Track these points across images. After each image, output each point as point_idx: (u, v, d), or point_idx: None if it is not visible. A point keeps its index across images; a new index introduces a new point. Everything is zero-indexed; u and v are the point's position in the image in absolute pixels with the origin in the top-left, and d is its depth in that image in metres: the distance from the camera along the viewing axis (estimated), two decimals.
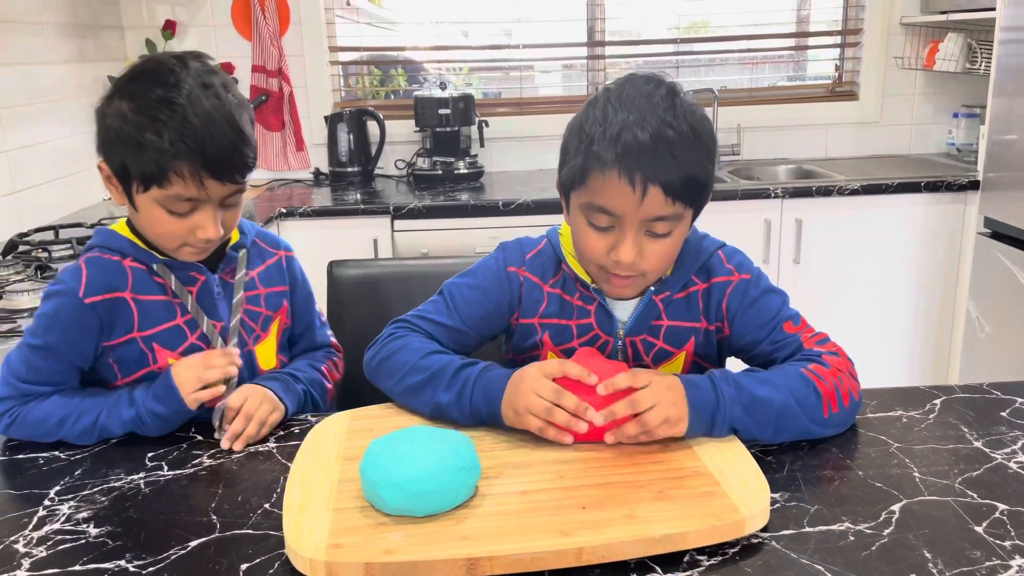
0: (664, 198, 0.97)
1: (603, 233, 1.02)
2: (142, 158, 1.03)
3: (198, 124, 1.03)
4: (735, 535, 0.81)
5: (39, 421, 1.07)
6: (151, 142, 1.02)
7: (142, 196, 1.06)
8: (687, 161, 0.97)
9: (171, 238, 1.09)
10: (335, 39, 3.15)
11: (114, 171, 1.08)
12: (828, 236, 2.74)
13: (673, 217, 1.00)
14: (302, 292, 1.31)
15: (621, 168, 0.96)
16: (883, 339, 2.84)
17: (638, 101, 0.98)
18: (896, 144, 3.28)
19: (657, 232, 1.01)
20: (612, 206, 0.99)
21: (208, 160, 1.04)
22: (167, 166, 1.03)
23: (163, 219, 1.07)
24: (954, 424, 1.05)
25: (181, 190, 1.05)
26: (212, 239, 1.09)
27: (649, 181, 0.96)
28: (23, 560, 0.81)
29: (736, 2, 3.26)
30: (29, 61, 2.41)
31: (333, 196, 2.83)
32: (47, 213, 2.44)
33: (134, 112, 1.04)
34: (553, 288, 1.14)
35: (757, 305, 1.11)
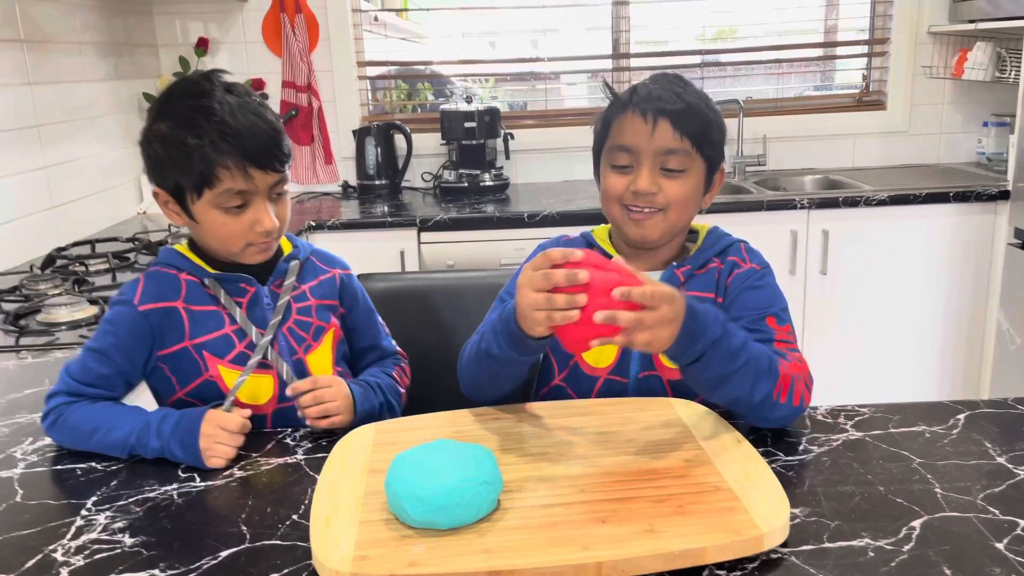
0: (672, 131, 1.14)
1: (623, 173, 1.18)
2: (189, 164, 1.11)
3: (233, 122, 1.12)
4: (754, 551, 0.81)
5: (75, 426, 1.11)
6: (195, 147, 1.11)
7: (198, 205, 1.14)
8: (692, 103, 1.16)
9: (234, 239, 1.16)
10: (363, 54, 3.20)
11: (168, 190, 1.16)
12: (855, 247, 2.73)
13: (682, 152, 1.16)
14: (363, 307, 1.37)
15: (635, 108, 1.16)
16: (912, 352, 2.82)
17: (655, 76, 1.21)
18: (925, 154, 3.26)
19: (670, 167, 1.16)
20: (629, 141, 1.16)
21: (248, 151, 1.12)
22: (213, 164, 1.11)
23: (222, 221, 1.15)
24: (977, 439, 1.05)
25: (230, 183, 1.12)
26: (270, 230, 1.17)
27: (659, 115, 1.14)
28: (61, 569, 0.84)
29: (763, 12, 3.27)
30: (67, 79, 2.48)
31: (361, 209, 2.87)
32: (84, 227, 2.50)
33: (173, 127, 1.12)
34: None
35: (755, 292, 1.20)
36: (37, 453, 1.11)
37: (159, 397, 1.23)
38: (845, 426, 1.10)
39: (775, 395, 1.04)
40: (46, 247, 2.22)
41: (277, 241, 1.23)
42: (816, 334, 2.78)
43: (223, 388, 1.18)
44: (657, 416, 1.09)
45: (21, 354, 1.51)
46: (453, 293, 1.71)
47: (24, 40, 2.26)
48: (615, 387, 1.21)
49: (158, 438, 1.08)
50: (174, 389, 1.20)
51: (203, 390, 1.19)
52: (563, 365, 1.24)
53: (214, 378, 1.19)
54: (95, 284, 1.93)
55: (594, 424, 1.08)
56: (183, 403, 1.18)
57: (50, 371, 1.40)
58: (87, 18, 2.61)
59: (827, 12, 3.36)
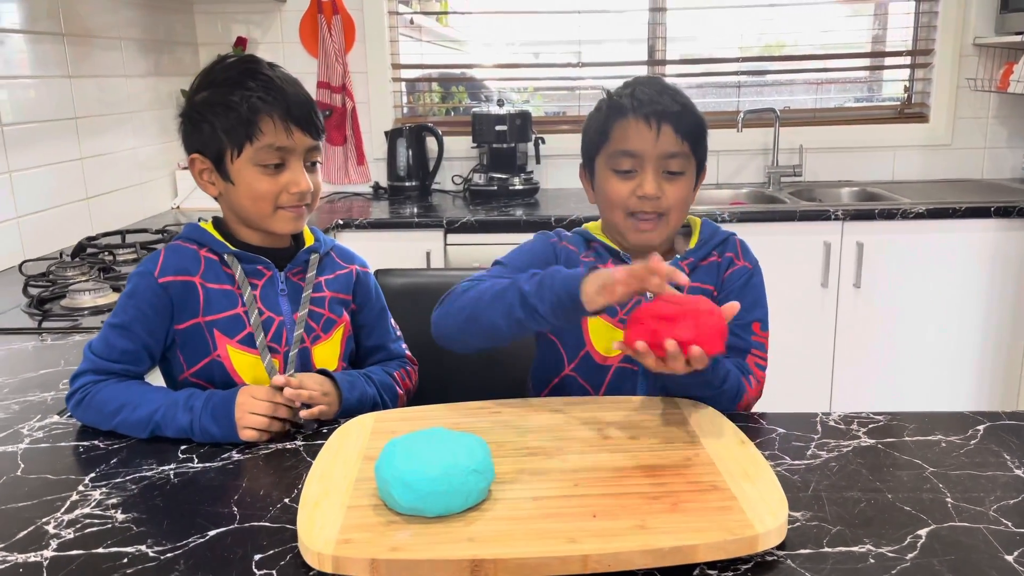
0: (675, 136, 1.18)
1: (627, 178, 1.20)
2: (232, 116, 1.15)
3: (278, 82, 1.17)
4: (748, 551, 0.79)
5: (102, 404, 1.11)
6: (240, 99, 1.14)
7: (237, 163, 1.16)
8: (689, 108, 1.20)
9: (268, 199, 1.18)
10: (398, 56, 3.22)
11: (205, 151, 1.18)
12: (891, 260, 2.66)
13: (683, 155, 1.19)
14: (376, 306, 1.36)
15: (639, 113, 1.18)
16: (947, 368, 2.74)
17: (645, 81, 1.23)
18: (967, 168, 3.17)
19: (672, 170, 1.19)
20: (633, 147, 1.18)
21: (291, 108, 1.16)
22: (256, 116, 1.14)
23: (259, 178, 1.17)
24: (996, 451, 1.01)
25: (272, 138, 1.15)
26: (305, 191, 1.19)
27: (663, 120, 1.17)
28: (51, 541, 0.85)
29: (806, 22, 3.22)
30: (107, 74, 2.53)
31: (390, 209, 2.87)
32: (117, 219, 2.55)
33: (217, 90, 1.16)
34: (587, 257, 1.26)
35: (752, 293, 1.24)
36: (43, 430, 1.12)
37: (166, 376, 1.23)
38: (858, 433, 1.07)
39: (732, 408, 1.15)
40: (79, 236, 2.26)
41: (309, 212, 1.23)
42: (848, 348, 2.72)
43: (229, 369, 1.18)
44: (663, 415, 1.07)
45: (42, 336, 1.53)
46: None
47: (65, 34, 2.31)
48: (626, 374, 1.20)
49: (188, 413, 1.08)
50: (181, 368, 1.20)
51: (210, 370, 1.18)
52: (573, 356, 1.24)
53: (221, 358, 1.18)
54: (121, 272, 1.96)
55: (597, 420, 1.06)
56: (189, 383, 1.18)
57: (67, 353, 1.42)
58: (129, 14, 2.66)
59: (871, 23, 3.30)
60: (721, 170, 3.21)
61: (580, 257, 1.26)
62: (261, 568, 0.79)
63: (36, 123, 2.18)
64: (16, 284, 1.83)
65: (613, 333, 1.20)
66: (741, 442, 0.98)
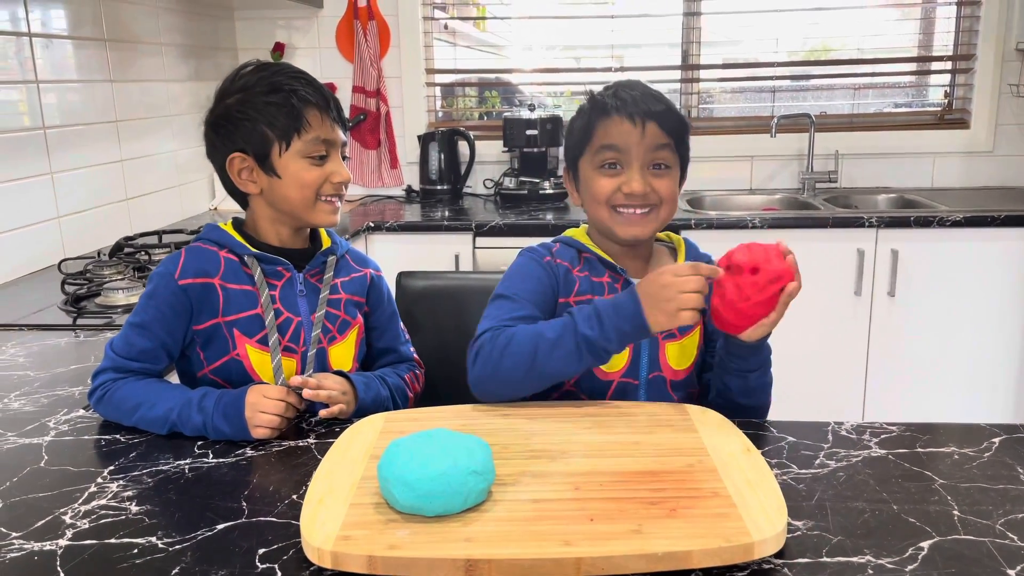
0: (659, 130, 1.18)
1: (612, 174, 1.19)
2: (280, 112, 1.20)
3: (315, 83, 1.24)
4: (743, 558, 0.79)
5: (121, 400, 1.14)
6: (287, 96, 1.19)
7: (286, 156, 1.21)
8: (672, 109, 1.20)
9: (312, 187, 1.22)
10: (432, 61, 3.25)
11: (251, 149, 1.22)
12: (927, 269, 2.61)
13: (669, 148, 1.20)
14: (387, 310, 1.39)
15: (622, 112, 1.18)
16: (983, 379, 2.68)
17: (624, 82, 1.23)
18: (1009, 176, 3.10)
19: (659, 162, 1.19)
20: (619, 142, 1.18)
21: (329, 103, 1.23)
22: (304, 108, 1.20)
23: (306, 168, 1.22)
24: (1009, 464, 0.99)
25: (319, 131, 1.21)
26: (346, 181, 1.25)
27: (647, 117, 1.17)
28: (67, 530, 0.88)
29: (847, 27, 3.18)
30: (148, 78, 2.60)
31: (422, 213, 2.90)
32: (155, 220, 2.61)
33: (251, 92, 1.20)
34: (580, 273, 1.24)
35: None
36: (69, 423, 1.16)
37: (183, 373, 1.27)
38: (869, 443, 1.06)
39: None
40: (117, 236, 2.32)
41: (342, 204, 1.28)
42: (882, 357, 2.67)
43: (248, 368, 1.21)
44: (669, 421, 1.07)
45: (76, 333, 1.58)
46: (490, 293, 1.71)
47: (107, 39, 2.38)
48: (628, 388, 1.20)
49: (200, 413, 1.10)
50: (201, 365, 1.23)
51: (228, 368, 1.22)
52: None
53: (240, 357, 1.21)
54: None
55: (603, 425, 1.06)
56: (207, 381, 1.21)
57: (97, 349, 1.47)
58: (170, 20, 2.73)
59: (915, 27, 3.24)
60: (755, 175, 3.18)
61: (575, 272, 1.23)
62: (264, 562, 0.81)
63: (79, 126, 2.25)
64: (55, 281, 1.89)
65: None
66: (747, 449, 0.98)
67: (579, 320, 1.09)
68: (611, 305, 1.08)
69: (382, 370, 1.33)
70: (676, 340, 1.23)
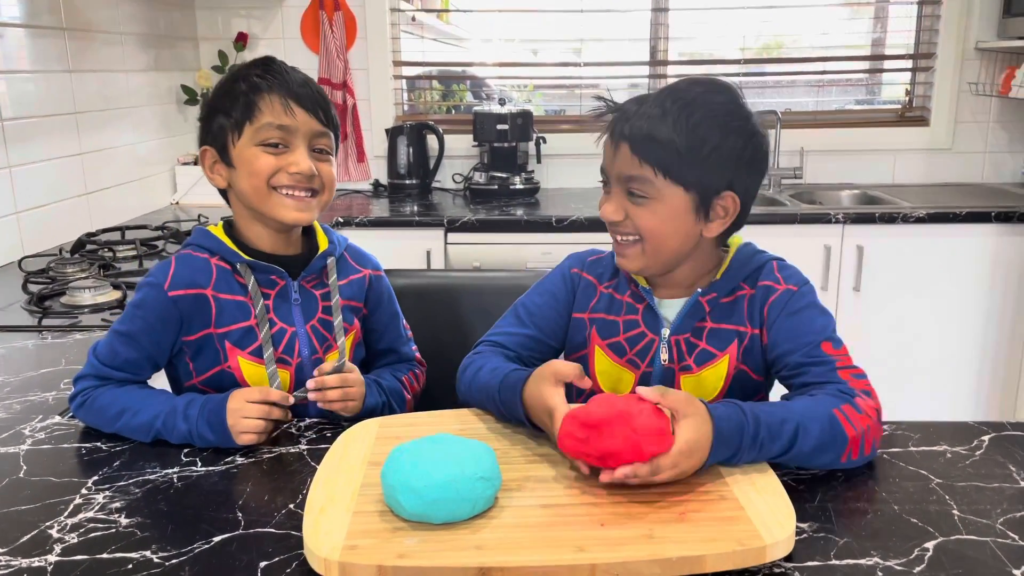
0: (631, 156, 1.05)
1: (606, 196, 1.12)
2: (234, 102, 1.15)
3: (280, 69, 1.18)
4: (756, 562, 0.79)
5: (104, 407, 1.10)
6: (243, 86, 1.15)
7: (239, 144, 1.16)
8: (658, 130, 1.03)
9: (262, 175, 1.15)
10: (399, 54, 3.21)
11: (213, 141, 1.18)
12: (891, 264, 2.66)
13: (642, 180, 1.05)
14: (387, 310, 1.36)
15: (611, 128, 1.09)
16: (946, 373, 2.74)
17: (668, 88, 1.09)
18: (968, 172, 3.17)
19: (634, 192, 1.07)
20: (604, 163, 1.11)
21: (293, 88, 1.16)
22: (255, 95, 1.15)
23: (258, 156, 1.15)
24: (1001, 462, 1.00)
25: (270, 117, 1.15)
26: (304, 172, 1.16)
27: (620, 138, 1.06)
28: (55, 545, 0.84)
29: (808, 24, 3.21)
30: (107, 69, 2.52)
31: (390, 207, 2.87)
32: (116, 215, 2.54)
33: (225, 83, 1.19)
34: (607, 288, 1.19)
35: (799, 316, 1.09)
36: (45, 431, 1.12)
37: (173, 381, 1.23)
38: None
39: (844, 459, 0.96)
40: (78, 232, 2.25)
41: (319, 206, 1.20)
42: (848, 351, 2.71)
43: (240, 379, 1.17)
44: None
45: (42, 334, 1.52)
46: (476, 293, 1.70)
47: (66, 28, 2.30)
48: None
49: (185, 421, 1.07)
50: (190, 375, 1.19)
51: (219, 379, 1.18)
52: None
53: (231, 369, 1.17)
54: (121, 269, 1.95)
55: None
56: (196, 390, 1.17)
57: (68, 352, 1.42)
58: (129, 9, 2.65)
59: (873, 26, 3.30)
60: None
61: (599, 288, 1.19)
62: (268, 575, 0.79)
63: (36, 118, 2.17)
64: (16, 280, 1.82)
65: (621, 372, 1.16)
66: None
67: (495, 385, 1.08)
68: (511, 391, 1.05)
69: (378, 372, 1.30)
70: (692, 373, 1.12)
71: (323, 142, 1.19)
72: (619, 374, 1.16)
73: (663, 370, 1.13)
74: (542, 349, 1.21)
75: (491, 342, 1.21)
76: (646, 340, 1.14)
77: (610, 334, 1.16)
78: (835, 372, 1.04)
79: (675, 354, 1.13)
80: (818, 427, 0.95)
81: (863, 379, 1.04)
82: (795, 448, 0.94)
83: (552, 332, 1.21)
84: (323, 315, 1.23)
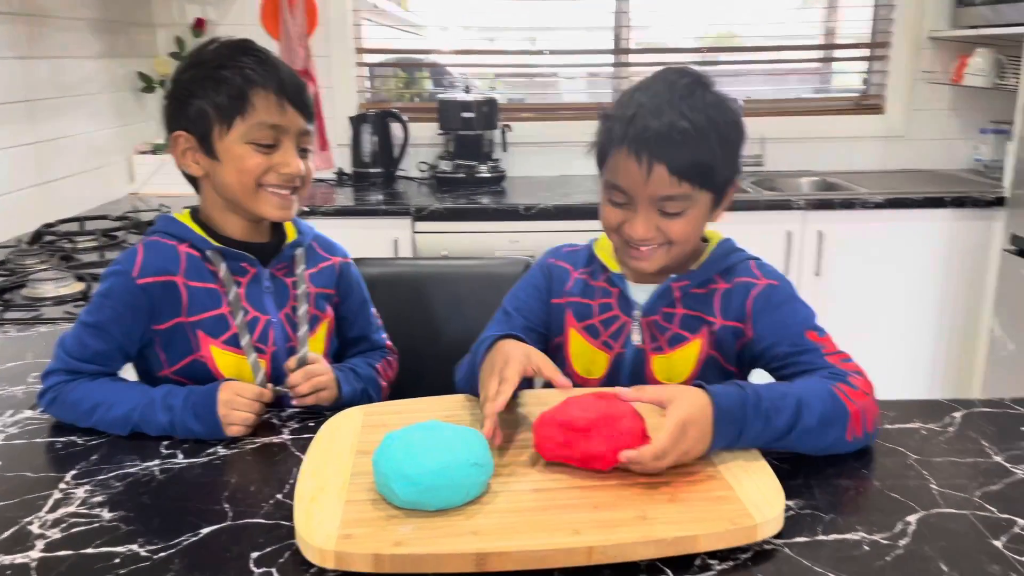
0: (670, 177, 1.02)
1: (619, 208, 1.08)
2: (222, 91, 1.10)
3: (273, 60, 1.14)
4: (747, 540, 0.80)
5: (76, 402, 1.08)
6: (231, 74, 1.10)
7: (227, 139, 1.12)
8: (694, 144, 1.01)
9: (252, 173, 1.13)
10: (361, 41, 3.17)
11: (192, 127, 1.13)
12: (850, 249, 2.72)
13: (682, 197, 1.04)
14: (358, 298, 1.35)
15: (630, 147, 1.02)
16: (904, 354, 2.81)
17: (659, 88, 1.05)
18: (922, 159, 3.25)
19: (668, 211, 1.05)
20: (624, 184, 1.05)
21: (284, 84, 1.12)
22: (248, 90, 1.10)
23: (249, 154, 1.12)
24: (974, 438, 1.03)
25: (265, 115, 1.11)
26: (295, 174, 1.14)
27: (654, 159, 1.01)
28: (37, 541, 0.82)
29: (763, 14, 3.25)
30: (61, 55, 2.44)
31: (355, 196, 2.84)
32: (73, 205, 2.47)
33: (206, 66, 1.12)
34: (581, 274, 1.21)
35: (782, 309, 1.11)
36: (17, 426, 1.09)
37: (144, 374, 1.20)
38: None
39: (848, 436, 0.96)
40: (34, 223, 2.19)
41: (298, 201, 1.19)
42: None
43: (213, 369, 1.15)
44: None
45: (4, 327, 1.48)
46: (447, 280, 1.69)
47: (18, 13, 2.22)
48: None
49: (167, 412, 1.05)
50: (162, 365, 1.17)
51: (192, 369, 1.16)
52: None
53: (204, 358, 1.15)
54: (82, 261, 1.90)
55: None
56: (168, 381, 1.15)
57: (32, 345, 1.38)
58: None
59: (828, 15, 3.35)
60: None
61: (574, 273, 1.20)
62: (260, 566, 0.78)
63: None
64: None
65: (595, 353, 1.17)
66: None
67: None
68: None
69: (352, 361, 1.29)
70: (663, 354, 1.14)
71: (308, 140, 1.18)
72: (593, 355, 1.17)
73: (636, 351, 1.15)
74: (532, 338, 1.19)
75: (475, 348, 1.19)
76: (619, 323, 1.16)
77: (584, 316, 1.18)
78: (823, 358, 1.05)
79: (647, 336, 1.14)
80: (819, 402, 0.95)
81: (851, 362, 1.06)
82: (800, 423, 0.93)
83: (539, 320, 1.22)
84: (296, 303, 1.22)
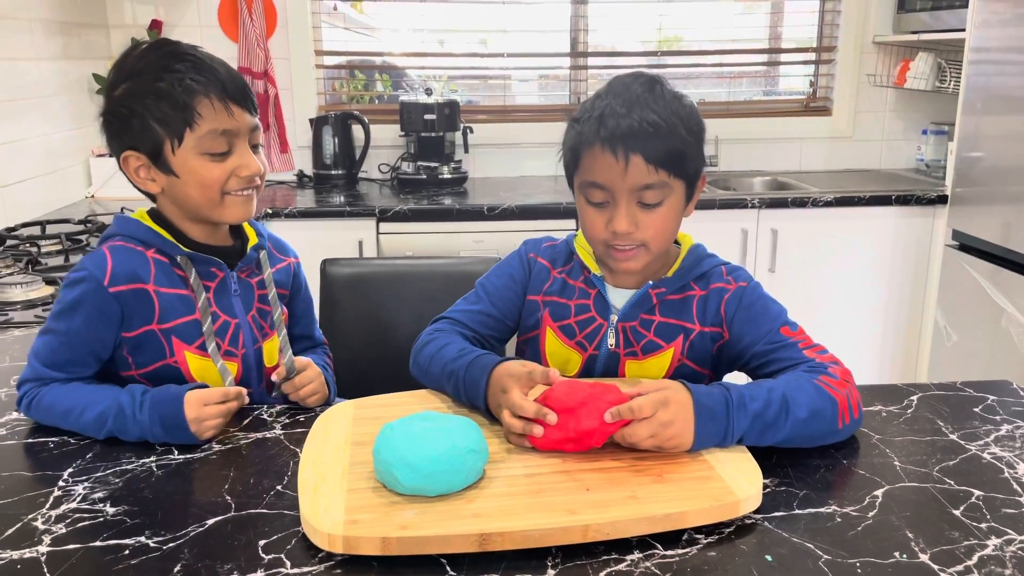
0: (647, 166, 1.05)
1: (601, 209, 1.10)
2: (165, 104, 1.08)
3: (208, 62, 1.11)
4: (731, 515, 0.85)
5: (50, 407, 1.08)
6: (171, 85, 1.07)
7: (180, 153, 1.10)
8: (665, 132, 1.05)
9: (215, 186, 1.11)
10: (321, 43, 3.18)
11: (140, 146, 1.11)
12: (802, 246, 2.82)
13: (660, 185, 1.07)
14: (304, 296, 1.37)
15: (604, 142, 1.05)
16: (854, 346, 2.92)
17: (619, 90, 1.09)
18: (867, 159, 3.38)
19: (647, 202, 1.08)
20: (602, 179, 1.08)
21: (227, 86, 1.10)
22: (192, 99, 1.08)
23: (206, 166, 1.11)
24: (930, 418, 1.11)
25: (214, 123, 1.09)
26: (255, 173, 1.14)
27: (630, 151, 1.05)
28: (43, 536, 0.84)
29: (711, 18, 3.35)
30: (14, 57, 2.40)
31: (317, 198, 2.85)
32: (31, 209, 2.43)
33: (139, 79, 1.09)
34: (560, 273, 1.23)
35: (755, 308, 1.16)
36: (6, 427, 1.09)
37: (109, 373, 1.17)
38: None
39: (839, 424, 1.01)
40: None
41: (256, 197, 1.18)
42: None
43: (186, 373, 1.15)
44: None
45: None
46: (418, 279, 1.73)
47: None
48: None
49: (136, 425, 1.03)
50: (128, 367, 1.15)
51: (162, 373, 1.14)
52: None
53: (177, 363, 1.14)
54: (48, 264, 1.89)
55: None
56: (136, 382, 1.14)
57: (10, 349, 1.37)
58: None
59: (774, 20, 3.46)
60: None
61: (553, 272, 1.22)
62: (269, 552, 0.81)
63: None
64: None
65: (569, 353, 1.20)
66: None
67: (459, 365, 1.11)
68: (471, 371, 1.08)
69: (312, 358, 1.29)
70: (637, 359, 1.17)
71: (258, 136, 1.17)
72: (567, 355, 1.21)
73: (609, 354, 1.18)
74: (499, 327, 1.25)
75: (450, 318, 1.24)
76: (595, 324, 1.19)
77: (561, 316, 1.21)
78: (801, 352, 1.10)
79: (622, 340, 1.18)
80: (804, 395, 1.00)
81: (827, 353, 1.11)
82: (791, 416, 0.98)
83: (508, 312, 1.25)
84: (259, 304, 1.23)
